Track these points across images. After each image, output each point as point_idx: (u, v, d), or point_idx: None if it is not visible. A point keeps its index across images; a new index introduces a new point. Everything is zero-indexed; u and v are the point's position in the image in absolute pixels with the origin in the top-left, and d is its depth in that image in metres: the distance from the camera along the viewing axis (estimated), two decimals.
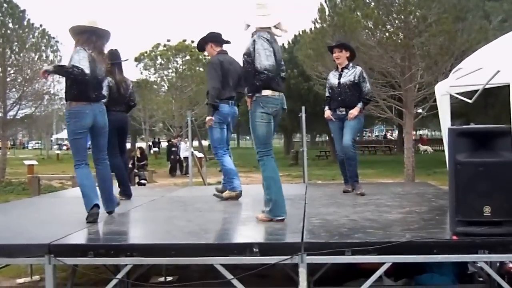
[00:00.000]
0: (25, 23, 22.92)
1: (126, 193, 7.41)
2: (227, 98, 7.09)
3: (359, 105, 7.35)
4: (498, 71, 4.27)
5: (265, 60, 5.11)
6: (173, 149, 26.94)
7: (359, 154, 7.58)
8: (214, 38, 7.31)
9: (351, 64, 7.53)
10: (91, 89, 5.54)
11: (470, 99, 6.55)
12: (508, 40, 4.78)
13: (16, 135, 58.94)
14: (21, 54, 22.54)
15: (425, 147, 44.64)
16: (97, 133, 5.70)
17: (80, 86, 5.44)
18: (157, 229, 5.33)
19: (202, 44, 7.46)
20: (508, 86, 4.39)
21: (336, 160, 8.84)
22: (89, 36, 5.62)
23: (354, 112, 7.31)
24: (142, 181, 19.29)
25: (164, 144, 62.39)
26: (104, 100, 6.01)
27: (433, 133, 68.44)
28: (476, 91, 6.20)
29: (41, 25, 23.71)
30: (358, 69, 7.50)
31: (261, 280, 5.26)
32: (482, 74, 5.04)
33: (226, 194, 7.18)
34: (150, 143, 52.61)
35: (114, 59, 7.13)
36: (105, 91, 6.50)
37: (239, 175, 7.38)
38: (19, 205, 7.86)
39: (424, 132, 73.45)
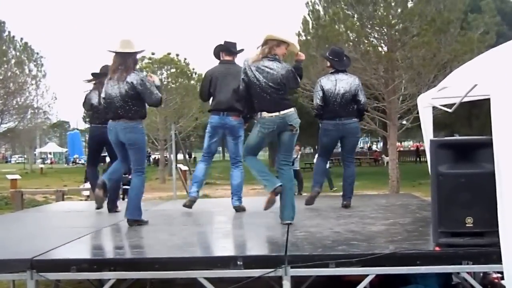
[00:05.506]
0: (5, 35, 22.75)
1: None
2: (216, 109, 7.16)
3: None
4: (476, 85, 4.35)
5: None
6: None
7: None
8: (224, 48, 7.33)
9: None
10: None
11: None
12: (489, 56, 4.85)
13: None
14: (3, 68, 22.34)
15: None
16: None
17: None
18: (140, 243, 5.30)
19: (216, 52, 7.44)
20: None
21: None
22: None
23: None
24: (126, 187, 18.99)
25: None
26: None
27: (419, 144, 68.64)
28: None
29: (22, 39, 23.60)
30: None
31: None
32: (463, 87, 5.11)
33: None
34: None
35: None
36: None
37: (203, 183, 7.60)
38: (2, 220, 7.78)
39: (409, 143, 73.78)
